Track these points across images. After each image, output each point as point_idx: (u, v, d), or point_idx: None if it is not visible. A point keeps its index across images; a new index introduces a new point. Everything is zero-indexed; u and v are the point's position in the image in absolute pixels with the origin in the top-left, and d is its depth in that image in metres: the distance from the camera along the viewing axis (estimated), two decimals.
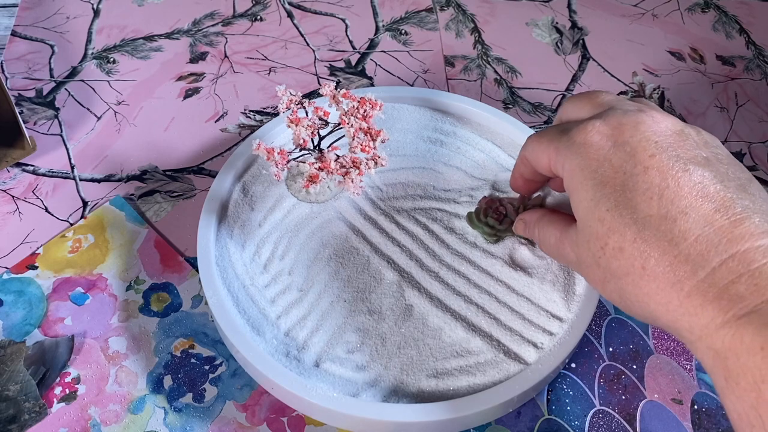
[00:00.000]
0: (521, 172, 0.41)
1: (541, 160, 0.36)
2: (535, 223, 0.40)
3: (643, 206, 0.30)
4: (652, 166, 0.31)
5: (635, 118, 0.33)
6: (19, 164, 0.56)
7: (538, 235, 0.40)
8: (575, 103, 0.37)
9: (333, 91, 0.46)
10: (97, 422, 0.42)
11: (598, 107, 0.35)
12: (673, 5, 0.75)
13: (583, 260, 0.34)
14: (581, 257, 0.34)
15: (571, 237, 0.35)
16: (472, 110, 0.56)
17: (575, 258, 0.35)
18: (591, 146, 0.33)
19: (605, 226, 0.31)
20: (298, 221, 0.49)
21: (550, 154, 0.35)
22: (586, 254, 0.33)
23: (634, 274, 0.31)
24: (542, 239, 0.39)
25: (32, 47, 0.66)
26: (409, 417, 0.39)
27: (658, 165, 0.31)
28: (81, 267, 0.49)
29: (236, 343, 0.42)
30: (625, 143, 0.32)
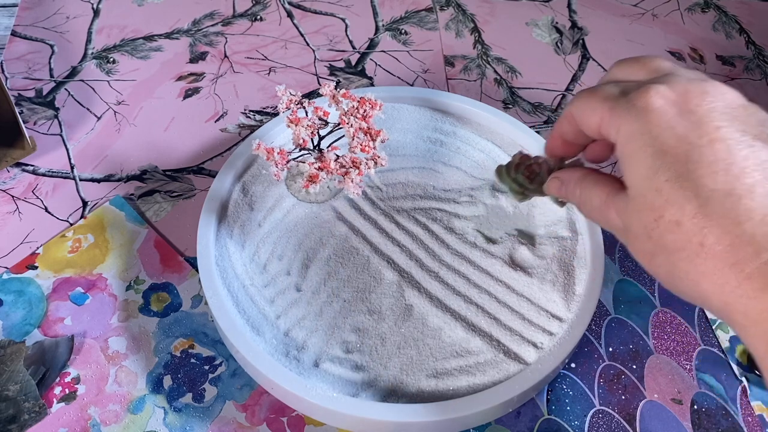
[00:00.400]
0: (562, 131, 0.37)
1: (591, 119, 0.33)
2: (576, 183, 0.36)
3: (707, 180, 0.29)
4: (719, 139, 0.29)
5: (701, 87, 0.31)
6: (19, 164, 0.56)
7: (580, 196, 0.36)
8: (627, 66, 0.35)
9: (333, 91, 0.46)
10: (96, 422, 0.42)
11: (655, 72, 0.33)
12: (673, 5, 0.75)
13: (631, 229, 0.32)
14: (630, 226, 0.32)
15: (619, 203, 0.32)
16: (472, 110, 0.56)
17: (621, 226, 0.33)
18: (654, 111, 0.30)
19: (663, 198, 0.29)
20: (297, 221, 0.49)
21: (604, 113, 0.32)
22: (636, 224, 0.31)
23: (690, 251, 0.29)
24: (584, 200, 0.36)
25: (32, 47, 0.66)
26: (408, 417, 0.39)
27: (725, 138, 0.29)
28: (81, 267, 0.49)
29: (236, 343, 0.42)
30: (690, 112, 0.30)
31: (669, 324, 0.48)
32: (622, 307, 0.49)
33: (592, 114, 0.33)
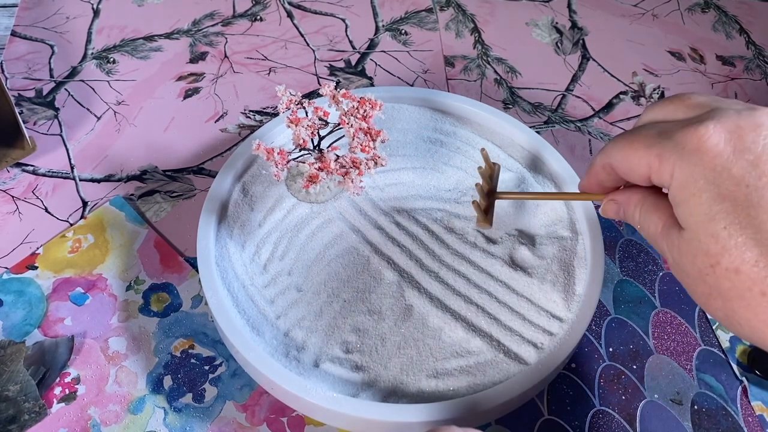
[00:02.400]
0: (600, 180, 0.36)
1: (638, 169, 0.32)
2: (636, 206, 0.34)
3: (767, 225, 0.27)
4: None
5: (754, 120, 0.29)
6: (19, 164, 0.56)
7: (639, 220, 0.34)
8: (664, 105, 0.33)
9: (333, 91, 0.46)
10: (96, 422, 0.42)
11: (697, 108, 0.31)
12: (673, 5, 0.75)
13: (685, 271, 0.31)
14: (684, 267, 0.31)
15: (674, 241, 0.31)
16: (472, 110, 0.56)
17: (675, 264, 0.32)
18: (706, 153, 0.28)
19: (719, 245, 0.28)
20: (297, 221, 0.49)
21: (651, 161, 0.30)
22: (690, 267, 0.30)
23: (750, 299, 0.28)
24: (643, 225, 0.34)
25: (32, 47, 0.66)
26: (408, 417, 0.39)
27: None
28: (81, 267, 0.49)
29: (236, 343, 0.42)
30: (746, 150, 0.28)
31: (669, 324, 0.48)
32: (623, 308, 0.49)
33: (638, 164, 0.32)
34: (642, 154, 0.31)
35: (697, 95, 0.32)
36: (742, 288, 0.28)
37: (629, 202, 0.35)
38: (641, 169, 0.31)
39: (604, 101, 0.64)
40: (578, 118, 0.62)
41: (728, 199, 0.28)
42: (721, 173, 0.28)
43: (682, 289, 0.50)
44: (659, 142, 0.30)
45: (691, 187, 0.29)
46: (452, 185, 0.51)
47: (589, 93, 0.65)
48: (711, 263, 0.29)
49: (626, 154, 0.32)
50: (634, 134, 0.32)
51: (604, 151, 0.34)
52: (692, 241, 0.29)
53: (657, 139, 0.30)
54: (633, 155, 0.32)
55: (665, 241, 0.32)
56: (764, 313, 0.28)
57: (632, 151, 0.32)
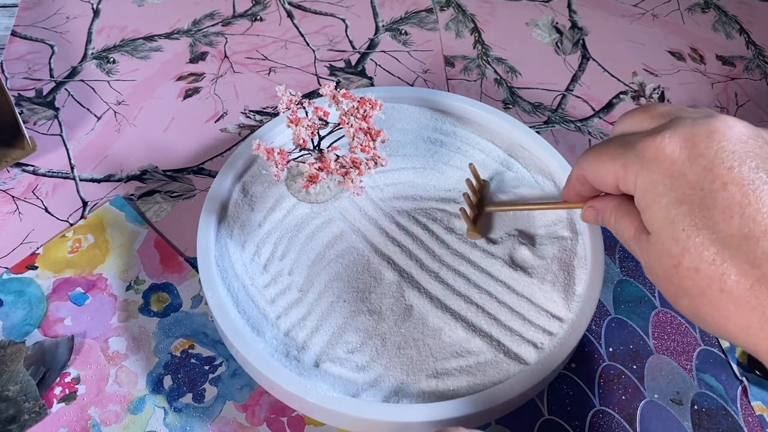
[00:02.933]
0: (578, 190, 0.38)
1: (606, 178, 0.34)
2: (611, 212, 0.36)
3: (722, 225, 0.29)
4: (732, 181, 0.29)
5: (707, 127, 0.30)
6: (19, 164, 0.56)
7: (614, 225, 0.37)
8: (631, 117, 0.35)
9: (333, 91, 0.46)
10: (97, 422, 0.42)
11: (659, 118, 0.33)
12: (673, 5, 0.75)
13: (654, 272, 0.32)
14: (653, 269, 0.32)
15: (643, 245, 0.33)
16: (472, 110, 0.56)
17: (646, 266, 0.33)
18: (663, 160, 0.30)
19: (679, 246, 0.30)
20: (298, 221, 0.49)
21: (617, 171, 0.33)
22: (657, 268, 0.32)
23: (711, 296, 0.29)
24: (618, 230, 0.36)
25: (32, 47, 0.66)
26: (409, 417, 0.39)
27: (738, 179, 0.29)
28: (81, 267, 0.49)
29: (236, 343, 0.42)
30: (700, 155, 0.30)
31: (669, 324, 0.48)
32: (623, 307, 0.49)
33: (606, 174, 0.34)
34: (609, 166, 0.33)
35: (662, 105, 0.34)
36: (703, 285, 0.30)
37: (605, 209, 0.37)
38: (609, 179, 0.34)
39: (604, 101, 0.64)
40: (578, 118, 0.62)
41: (685, 202, 0.30)
42: (677, 179, 0.30)
43: None
44: (623, 153, 0.32)
45: (651, 194, 0.31)
46: (452, 185, 0.51)
47: (589, 93, 0.65)
48: (674, 264, 0.30)
49: (595, 166, 0.34)
50: (602, 147, 0.34)
51: (578, 164, 0.36)
52: (657, 244, 0.31)
53: (621, 150, 0.33)
54: (601, 167, 0.34)
55: (637, 246, 0.34)
56: (724, 308, 0.29)
57: (600, 163, 0.34)
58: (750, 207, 0.28)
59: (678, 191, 0.30)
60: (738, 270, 0.28)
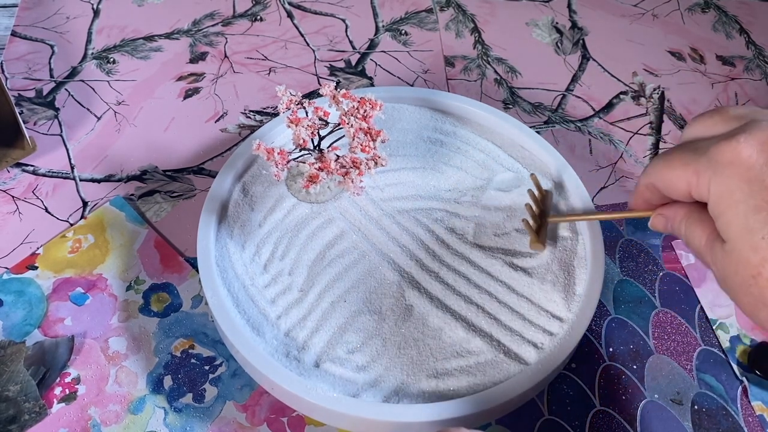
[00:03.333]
0: (646, 198, 0.37)
1: (677, 186, 0.32)
2: (681, 220, 0.35)
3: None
4: None
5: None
6: (19, 164, 0.56)
7: (685, 233, 0.35)
8: (703, 120, 0.33)
9: (333, 91, 0.46)
10: (97, 422, 0.42)
11: (733, 121, 0.31)
12: (673, 5, 0.75)
13: (729, 283, 0.31)
14: (727, 279, 0.31)
15: (717, 254, 0.32)
16: (472, 110, 0.56)
17: (719, 276, 0.32)
18: (739, 166, 0.29)
19: (759, 255, 0.29)
20: (298, 221, 0.49)
21: (689, 178, 0.31)
22: (734, 279, 0.31)
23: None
24: (688, 239, 0.35)
25: (32, 47, 0.66)
26: (409, 417, 0.39)
27: None
28: (81, 267, 0.49)
29: (236, 343, 0.42)
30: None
31: (669, 324, 0.48)
32: (623, 308, 0.49)
33: (677, 182, 0.32)
34: (680, 173, 0.32)
35: (735, 108, 0.32)
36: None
37: (675, 217, 0.35)
38: (681, 186, 0.32)
39: (604, 101, 0.64)
40: (578, 118, 0.62)
41: (764, 209, 0.28)
42: (755, 185, 0.29)
43: (683, 288, 0.50)
44: (695, 159, 0.31)
45: (727, 200, 0.30)
46: (452, 185, 0.51)
47: (589, 93, 0.65)
48: (753, 274, 0.29)
49: (665, 173, 0.33)
50: (672, 153, 0.33)
51: (646, 173, 0.35)
52: (733, 253, 0.30)
53: (693, 156, 0.31)
54: (672, 174, 0.32)
55: (709, 255, 0.32)
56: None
57: (670, 170, 0.32)
58: None
59: (757, 198, 0.29)
60: None
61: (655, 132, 0.62)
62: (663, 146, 0.60)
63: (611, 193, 0.56)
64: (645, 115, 0.63)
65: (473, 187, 0.51)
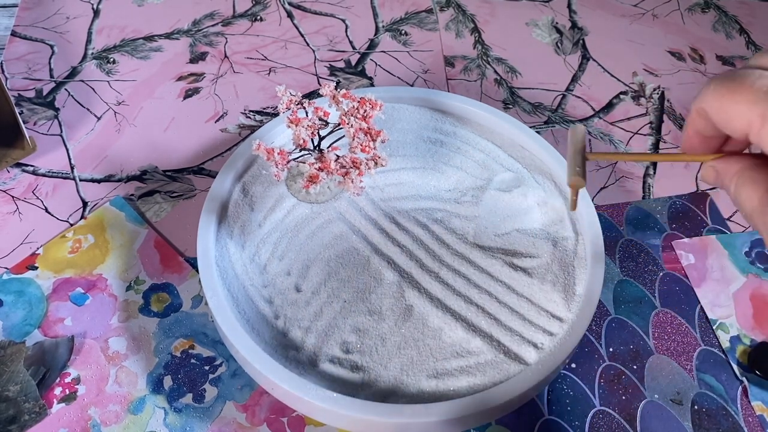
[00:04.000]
0: (697, 128, 0.32)
1: (735, 122, 0.28)
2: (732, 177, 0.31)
3: None
4: None
5: None
6: (19, 164, 0.56)
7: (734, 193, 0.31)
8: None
9: (333, 91, 0.46)
10: (97, 423, 0.42)
11: None
12: (673, 5, 0.75)
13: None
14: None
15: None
16: (472, 110, 0.56)
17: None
18: None
19: None
20: (298, 222, 0.49)
21: (753, 119, 0.27)
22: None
23: None
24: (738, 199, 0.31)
25: (32, 47, 0.66)
26: (409, 417, 0.39)
27: None
28: (81, 267, 0.49)
29: (236, 343, 0.42)
30: None
31: (669, 324, 0.48)
32: (623, 308, 0.49)
33: (737, 118, 0.28)
34: (743, 109, 0.27)
35: None
36: None
37: (727, 173, 0.31)
38: (740, 124, 0.28)
39: (604, 101, 0.64)
40: (578, 118, 0.62)
41: None
42: None
43: (683, 288, 0.50)
44: (764, 98, 0.27)
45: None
46: (452, 185, 0.51)
47: (589, 93, 0.65)
48: None
49: (725, 104, 0.28)
50: (739, 82, 0.28)
51: (702, 96, 0.30)
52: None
53: (765, 95, 0.27)
54: (733, 108, 0.28)
55: (761, 219, 0.29)
56: None
57: (733, 103, 0.28)
58: None
59: None
60: None
61: (655, 132, 0.62)
62: (663, 146, 0.60)
63: (611, 193, 0.56)
64: (645, 115, 0.63)
65: (473, 187, 0.51)
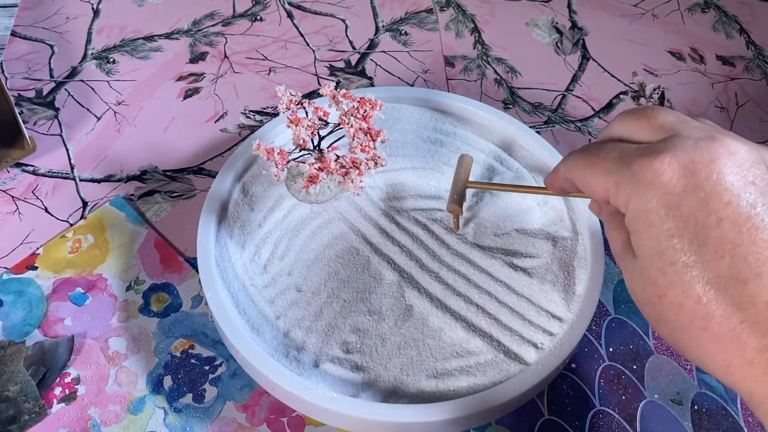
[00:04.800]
0: (563, 187, 0.37)
1: (597, 191, 0.32)
2: (607, 217, 0.35)
3: (712, 264, 0.28)
4: (727, 217, 0.28)
5: (709, 153, 0.29)
6: (19, 164, 0.56)
7: (606, 231, 0.35)
8: (630, 121, 0.33)
9: (333, 91, 0.46)
10: (97, 423, 0.42)
11: (659, 131, 0.31)
12: (673, 5, 0.75)
13: (635, 295, 0.32)
14: (635, 291, 0.32)
15: (627, 264, 0.32)
16: (472, 110, 0.56)
17: (630, 286, 0.32)
18: (659, 188, 0.29)
19: (666, 279, 0.29)
20: (298, 222, 0.49)
21: (609, 187, 0.31)
22: (641, 293, 0.31)
23: (693, 332, 0.29)
24: (608, 237, 0.35)
25: (32, 47, 0.66)
26: (409, 417, 0.39)
27: (734, 216, 0.28)
28: (81, 267, 0.49)
29: (236, 343, 0.42)
30: (698, 187, 0.28)
31: None
32: (623, 307, 0.49)
33: (597, 187, 0.32)
34: (600, 179, 0.32)
35: (665, 114, 0.32)
36: (685, 321, 0.29)
37: (604, 211, 0.36)
38: (600, 192, 0.32)
39: (604, 101, 0.64)
40: (578, 118, 0.62)
41: (677, 236, 0.29)
42: (672, 210, 0.29)
43: None
44: (618, 169, 0.31)
45: (643, 221, 0.30)
46: None
47: (589, 93, 0.65)
48: (658, 294, 0.30)
49: (586, 175, 0.33)
50: (596, 155, 0.32)
51: (567, 165, 0.35)
52: (643, 271, 0.30)
53: (616, 165, 0.31)
54: (593, 179, 0.32)
55: (621, 262, 0.33)
56: (705, 345, 0.29)
57: (591, 174, 0.32)
58: (742, 247, 0.28)
59: (671, 224, 0.29)
60: (723, 311, 0.28)
61: None
62: None
63: None
64: None
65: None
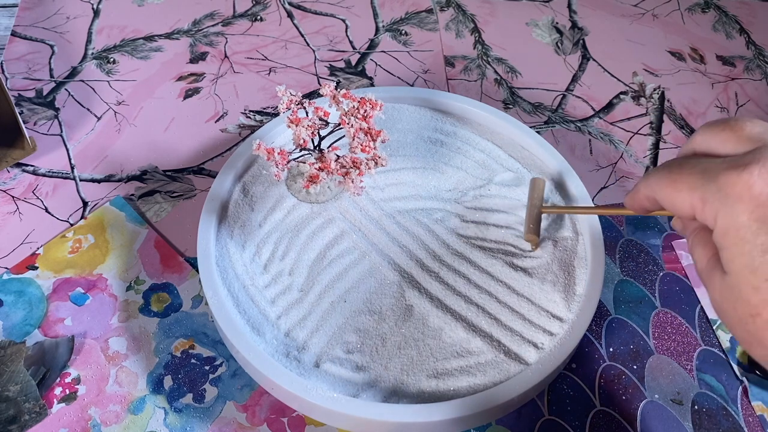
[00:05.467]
0: (644, 207, 0.34)
1: (682, 208, 0.31)
2: (691, 233, 0.34)
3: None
4: None
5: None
6: (19, 164, 0.56)
7: (690, 247, 0.34)
8: (714, 133, 0.31)
9: (333, 91, 0.46)
10: (97, 423, 0.42)
11: (746, 143, 0.30)
12: (673, 5, 0.75)
13: (726, 314, 0.30)
14: (725, 310, 0.30)
15: (716, 282, 0.30)
16: (472, 110, 0.56)
17: (717, 304, 0.31)
18: (750, 201, 0.28)
19: (760, 296, 0.28)
20: (298, 221, 0.49)
21: (695, 203, 0.30)
22: (731, 312, 0.30)
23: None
24: (692, 255, 0.33)
25: (32, 47, 0.66)
26: (409, 417, 0.39)
27: None
28: (81, 267, 0.49)
29: (236, 343, 0.42)
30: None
31: (669, 324, 0.48)
32: (623, 308, 0.49)
33: (681, 204, 0.30)
34: (685, 196, 0.30)
35: (751, 125, 0.30)
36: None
37: (688, 227, 0.34)
38: (685, 209, 0.30)
39: (604, 101, 0.64)
40: (578, 118, 0.62)
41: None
42: (764, 224, 0.27)
43: (683, 288, 0.50)
44: (703, 184, 0.29)
45: (733, 236, 0.28)
46: (452, 185, 0.51)
47: (589, 93, 0.65)
48: (751, 313, 0.28)
49: (669, 192, 0.31)
50: (678, 171, 0.31)
51: (648, 184, 0.33)
52: (734, 288, 0.29)
53: (701, 180, 0.29)
54: (677, 196, 0.31)
55: (708, 280, 0.31)
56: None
57: (675, 191, 0.31)
58: None
59: (765, 238, 0.27)
60: None
61: (655, 132, 0.62)
62: (663, 146, 0.60)
63: (611, 193, 0.56)
64: (645, 115, 0.63)
65: (473, 187, 0.51)
